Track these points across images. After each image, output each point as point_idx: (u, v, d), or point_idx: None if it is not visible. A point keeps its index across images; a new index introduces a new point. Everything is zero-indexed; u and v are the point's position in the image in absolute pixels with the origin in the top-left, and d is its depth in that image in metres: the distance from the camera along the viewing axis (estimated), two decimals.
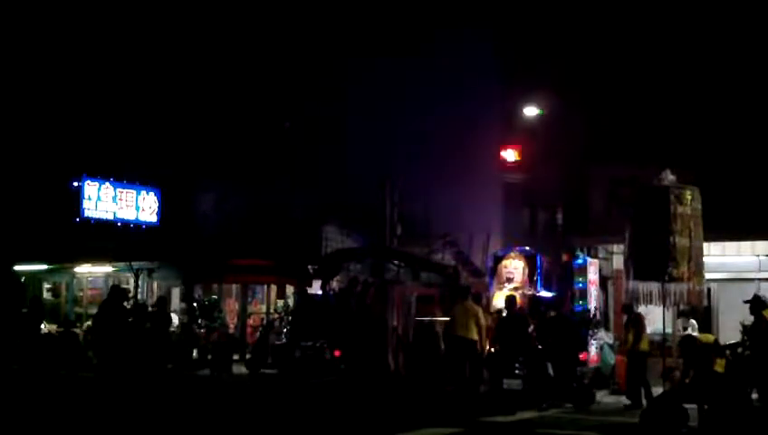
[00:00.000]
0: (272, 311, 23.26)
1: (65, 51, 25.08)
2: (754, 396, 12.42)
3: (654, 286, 12.80)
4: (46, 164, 24.19)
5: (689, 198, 12.71)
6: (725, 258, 18.69)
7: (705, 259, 13.14)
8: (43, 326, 17.79)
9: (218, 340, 20.39)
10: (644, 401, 14.04)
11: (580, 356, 15.30)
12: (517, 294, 16.66)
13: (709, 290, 17.90)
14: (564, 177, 21.56)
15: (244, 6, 25.55)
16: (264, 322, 22.10)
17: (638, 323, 14.77)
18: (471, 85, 21.95)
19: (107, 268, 23.48)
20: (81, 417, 12.05)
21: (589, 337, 16.59)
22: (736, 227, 17.85)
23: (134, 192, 23.75)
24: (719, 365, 11.57)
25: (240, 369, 19.76)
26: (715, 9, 19.83)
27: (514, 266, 18.35)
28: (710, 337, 12.44)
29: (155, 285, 23.94)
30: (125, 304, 17.82)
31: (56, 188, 23.26)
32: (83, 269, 24.23)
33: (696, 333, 14.99)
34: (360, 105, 22.77)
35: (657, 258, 12.43)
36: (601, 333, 17.48)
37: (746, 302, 13.09)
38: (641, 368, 14.57)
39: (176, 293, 23.90)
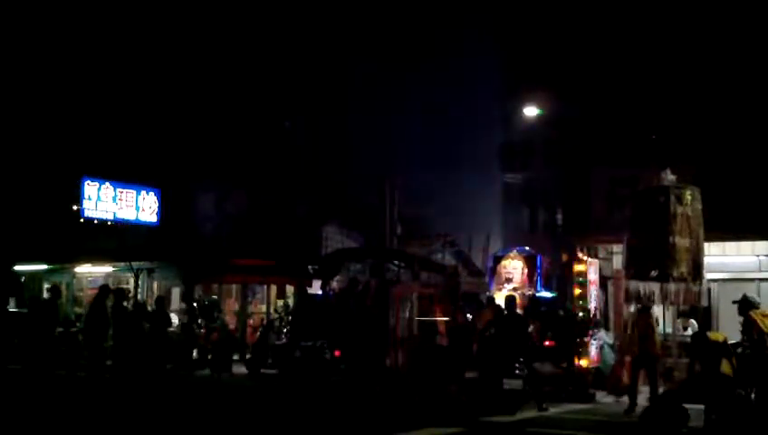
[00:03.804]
0: (272, 311, 23.24)
1: (66, 51, 25.08)
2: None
3: (654, 286, 12.79)
4: (46, 164, 24.19)
5: (689, 198, 12.71)
6: (725, 258, 18.68)
7: (705, 259, 13.13)
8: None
9: (218, 340, 20.37)
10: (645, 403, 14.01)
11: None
12: (517, 295, 16.67)
13: (709, 290, 17.89)
14: (564, 177, 21.60)
15: (245, 7, 25.56)
16: (264, 322, 22.08)
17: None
18: (471, 85, 21.96)
19: (107, 268, 23.45)
20: (78, 417, 12.04)
21: (589, 337, 16.59)
22: (736, 227, 17.85)
23: (134, 192, 23.72)
24: (725, 366, 11.52)
25: (240, 369, 19.74)
26: (715, 9, 19.84)
27: (513, 267, 18.36)
28: (720, 336, 12.36)
29: (155, 285, 23.92)
30: (125, 303, 17.90)
31: (56, 188, 23.25)
32: (83, 269, 24.20)
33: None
34: (360, 105, 22.79)
35: (657, 258, 12.43)
36: (601, 333, 17.47)
37: (734, 302, 13.01)
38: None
39: (176, 293, 23.88)
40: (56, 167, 24.01)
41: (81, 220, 22.41)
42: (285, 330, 20.49)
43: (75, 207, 22.27)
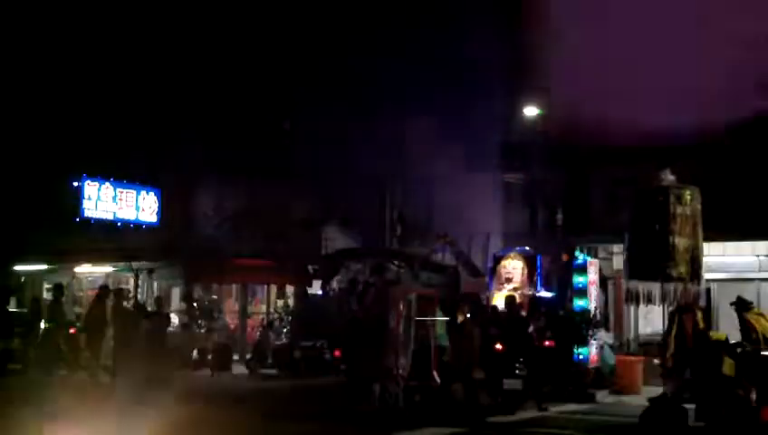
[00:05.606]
0: (272, 311, 23.25)
1: (65, 50, 25.07)
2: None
3: (654, 286, 12.79)
4: (46, 164, 24.16)
5: (689, 198, 12.71)
6: (725, 258, 18.70)
7: (705, 259, 13.13)
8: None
9: (218, 340, 20.39)
10: None
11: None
12: (516, 295, 16.67)
13: (709, 290, 17.89)
14: (564, 177, 21.61)
15: (244, 6, 25.54)
16: (264, 322, 22.10)
17: None
18: (471, 85, 21.96)
19: (107, 268, 23.44)
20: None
21: (589, 337, 16.60)
22: (736, 227, 17.85)
23: (134, 192, 23.72)
24: (727, 366, 11.53)
25: (240, 369, 19.75)
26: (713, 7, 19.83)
27: (513, 266, 18.35)
28: (722, 335, 12.36)
29: (155, 285, 23.92)
30: (125, 303, 17.92)
31: (56, 188, 23.23)
32: (83, 269, 24.20)
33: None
34: (360, 105, 22.78)
35: (657, 258, 12.43)
36: (601, 333, 17.48)
37: (731, 304, 13.02)
38: None
39: (176, 293, 23.89)
40: (56, 167, 23.97)
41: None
42: (285, 330, 20.50)
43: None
